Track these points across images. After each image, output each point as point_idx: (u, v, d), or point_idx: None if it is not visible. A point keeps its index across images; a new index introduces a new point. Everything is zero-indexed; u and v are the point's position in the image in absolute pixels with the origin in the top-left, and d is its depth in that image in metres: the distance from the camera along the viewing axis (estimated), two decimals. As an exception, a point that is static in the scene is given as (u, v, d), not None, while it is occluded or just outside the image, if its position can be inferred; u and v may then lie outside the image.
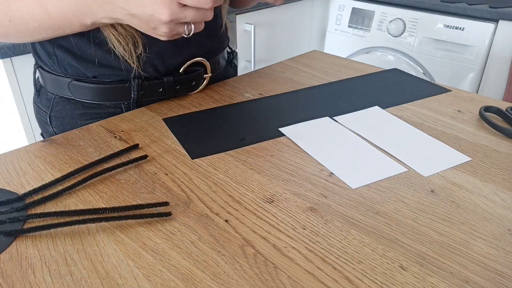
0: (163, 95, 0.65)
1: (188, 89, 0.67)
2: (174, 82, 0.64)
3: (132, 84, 0.61)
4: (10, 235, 0.39)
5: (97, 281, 0.34)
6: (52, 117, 0.65)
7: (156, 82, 0.63)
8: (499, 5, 1.50)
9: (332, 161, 0.50)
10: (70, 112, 0.63)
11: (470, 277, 0.35)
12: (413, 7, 1.67)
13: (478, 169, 0.50)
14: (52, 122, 0.65)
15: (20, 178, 0.47)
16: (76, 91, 0.62)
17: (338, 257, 0.37)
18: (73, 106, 0.63)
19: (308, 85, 0.72)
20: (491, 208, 0.43)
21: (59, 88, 0.63)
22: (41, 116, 0.67)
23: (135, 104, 0.63)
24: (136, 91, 0.62)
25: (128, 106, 0.63)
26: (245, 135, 0.56)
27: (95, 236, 0.39)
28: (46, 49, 0.61)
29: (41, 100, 0.66)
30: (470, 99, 0.68)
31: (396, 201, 0.44)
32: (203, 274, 0.35)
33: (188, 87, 0.67)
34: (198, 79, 0.67)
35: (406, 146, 0.54)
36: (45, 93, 0.65)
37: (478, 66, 1.55)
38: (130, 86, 0.62)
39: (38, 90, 0.67)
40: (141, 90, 0.62)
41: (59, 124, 0.65)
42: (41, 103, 0.66)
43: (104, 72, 0.61)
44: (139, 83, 0.62)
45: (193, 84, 0.67)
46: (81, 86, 0.61)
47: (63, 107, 0.64)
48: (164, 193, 0.45)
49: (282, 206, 0.43)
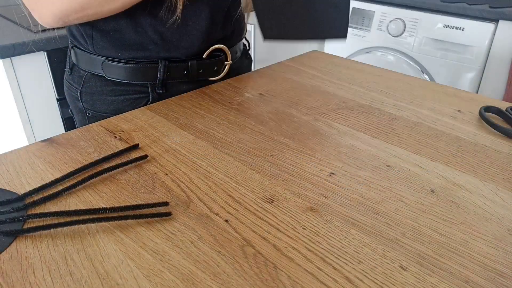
0: (187, 78, 0.69)
1: (210, 73, 0.72)
2: (197, 66, 0.69)
3: (159, 65, 0.67)
4: (10, 235, 0.39)
5: (97, 281, 0.34)
6: (82, 93, 0.70)
7: (181, 64, 0.68)
8: (499, 5, 1.50)
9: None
10: (100, 88, 0.69)
11: (470, 277, 0.35)
12: (413, 7, 1.67)
13: (478, 169, 0.50)
14: (82, 98, 0.71)
15: (20, 178, 0.47)
16: (108, 70, 0.67)
17: (338, 257, 0.37)
18: (104, 83, 0.69)
19: (308, 85, 0.72)
20: (491, 208, 0.43)
21: (92, 66, 0.68)
22: (72, 92, 0.72)
23: (160, 84, 0.68)
24: (162, 72, 0.67)
25: (154, 86, 0.68)
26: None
27: (95, 236, 0.39)
28: (85, 31, 0.67)
29: (73, 77, 0.72)
30: (470, 99, 0.68)
31: (396, 201, 0.44)
32: (203, 274, 0.35)
33: (210, 72, 0.72)
34: (219, 65, 0.73)
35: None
36: (78, 71, 0.71)
37: (478, 66, 1.55)
38: (157, 67, 0.67)
39: (70, 68, 0.73)
40: (167, 72, 0.67)
41: (88, 99, 0.70)
42: (73, 80, 0.72)
43: (135, 55, 0.66)
44: (165, 64, 0.67)
45: (215, 70, 0.72)
46: (112, 65, 0.67)
47: (94, 83, 0.69)
48: (164, 193, 0.45)
49: (282, 206, 0.43)
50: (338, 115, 0.63)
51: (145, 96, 0.69)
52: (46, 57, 1.20)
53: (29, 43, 1.14)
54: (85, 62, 0.69)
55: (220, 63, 0.73)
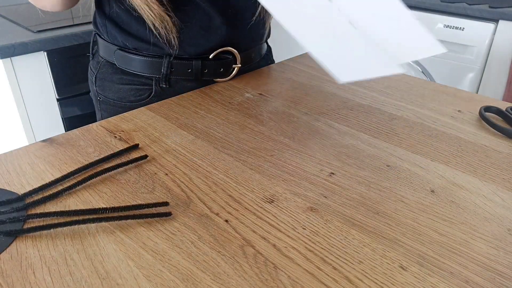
0: (191, 76, 0.70)
1: (216, 74, 0.72)
2: (202, 66, 0.70)
3: (163, 60, 0.68)
4: (10, 235, 0.39)
5: (97, 281, 0.34)
6: (97, 78, 0.75)
7: (185, 62, 0.69)
8: (499, 5, 1.50)
9: (312, 38, 0.40)
10: (110, 75, 0.73)
11: (470, 277, 0.35)
12: (413, 7, 1.67)
13: (478, 169, 0.50)
14: (96, 82, 0.75)
15: (20, 178, 0.47)
16: (118, 58, 0.71)
17: (338, 257, 0.37)
18: (114, 71, 0.73)
19: (308, 85, 0.72)
20: (491, 208, 0.43)
21: (107, 54, 0.73)
22: (90, 76, 0.78)
23: (164, 79, 0.70)
24: (166, 67, 0.69)
25: (158, 80, 0.70)
26: None
27: (95, 236, 0.39)
28: (101, 20, 0.71)
29: (93, 62, 0.77)
30: (470, 99, 0.68)
31: (396, 201, 0.44)
32: (203, 274, 0.35)
33: (216, 73, 0.72)
34: (226, 67, 0.72)
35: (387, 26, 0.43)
36: (97, 57, 0.76)
37: (478, 66, 1.55)
38: (162, 62, 0.69)
39: (93, 54, 0.78)
40: (172, 68, 0.69)
41: (100, 84, 0.75)
42: (93, 65, 0.77)
43: (142, 46, 0.68)
44: (169, 60, 0.68)
45: (221, 71, 0.72)
46: (122, 54, 0.70)
47: (107, 70, 0.73)
48: (164, 193, 0.45)
49: (282, 206, 0.43)
50: (338, 115, 0.63)
51: (148, 88, 0.71)
52: (46, 57, 1.20)
53: (29, 43, 1.14)
54: (102, 50, 0.74)
55: (227, 65, 0.72)
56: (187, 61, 0.69)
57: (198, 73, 0.70)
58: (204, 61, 0.70)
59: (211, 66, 0.71)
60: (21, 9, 1.48)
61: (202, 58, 0.70)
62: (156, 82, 0.71)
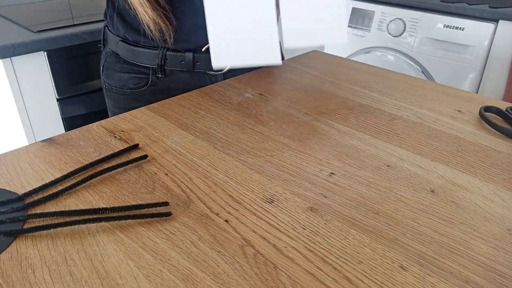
0: (184, 67, 0.75)
1: (208, 67, 0.75)
2: (193, 58, 0.74)
3: (158, 52, 0.74)
4: (10, 235, 0.39)
5: (97, 281, 0.34)
6: (104, 67, 0.82)
7: (178, 54, 0.75)
8: (499, 5, 1.50)
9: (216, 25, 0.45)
10: (114, 64, 0.79)
11: (470, 277, 0.35)
12: (413, 7, 1.67)
13: (478, 169, 0.50)
14: (103, 71, 0.82)
15: (20, 178, 0.47)
16: (120, 49, 0.77)
17: (338, 257, 0.37)
18: (117, 60, 0.79)
19: (309, 85, 0.72)
20: (491, 208, 0.43)
21: (113, 44, 0.79)
22: (100, 65, 0.84)
23: (160, 69, 0.75)
24: (160, 58, 0.75)
25: (154, 70, 0.76)
26: None
27: (95, 236, 0.39)
28: (109, 13, 0.78)
29: (103, 52, 0.83)
30: (470, 99, 0.68)
31: (396, 201, 0.44)
32: (203, 274, 0.35)
33: (208, 66, 0.75)
34: None
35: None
36: (106, 47, 0.82)
37: (478, 66, 1.55)
38: (157, 54, 0.74)
39: (103, 45, 0.84)
40: (166, 59, 0.75)
41: (106, 73, 0.81)
42: (102, 54, 0.83)
43: (140, 39, 0.74)
44: (163, 52, 0.74)
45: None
46: (124, 46, 0.76)
47: (111, 59, 0.80)
48: (164, 193, 0.45)
49: (282, 206, 0.43)
50: (338, 115, 0.63)
51: (145, 77, 0.77)
52: (46, 57, 1.20)
53: (29, 43, 1.14)
54: (109, 41, 0.80)
55: None
56: (180, 53, 0.74)
57: (190, 65, 0.75)
58: (196, 53, 0.74)
59: (203, 58, 0.75)
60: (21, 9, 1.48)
61: (194, 51, 0.74)
62: (152, 72, 0.76)
